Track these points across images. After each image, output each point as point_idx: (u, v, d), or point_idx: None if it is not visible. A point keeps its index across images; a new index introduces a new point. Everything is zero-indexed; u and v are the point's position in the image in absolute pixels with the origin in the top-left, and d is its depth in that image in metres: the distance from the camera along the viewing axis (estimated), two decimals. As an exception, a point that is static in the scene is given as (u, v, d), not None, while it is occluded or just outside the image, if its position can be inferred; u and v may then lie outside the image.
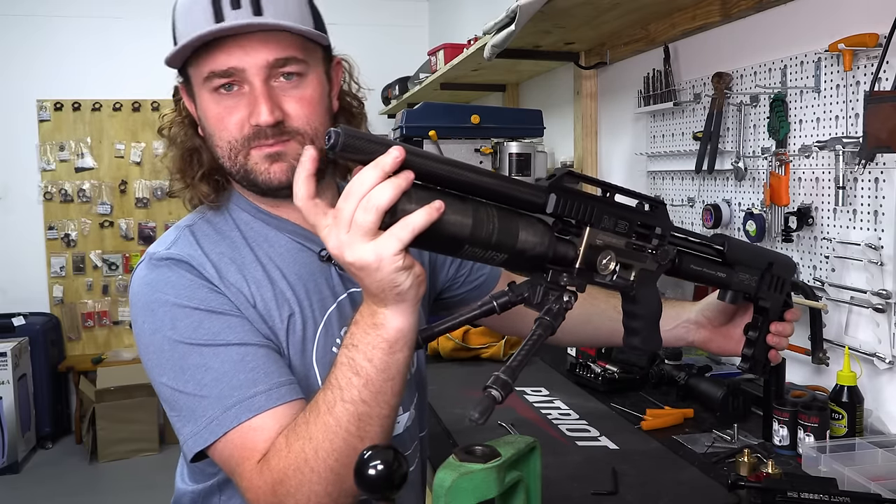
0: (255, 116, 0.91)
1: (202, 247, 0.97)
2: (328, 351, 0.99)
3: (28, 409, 4.40)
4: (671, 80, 2.06)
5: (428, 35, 5.28)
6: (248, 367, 0.89)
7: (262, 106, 0.90)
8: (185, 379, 0.89)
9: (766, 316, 1.05)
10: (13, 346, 4.22)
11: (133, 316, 0.96)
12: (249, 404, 0.86)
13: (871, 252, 1.40)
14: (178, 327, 0.90)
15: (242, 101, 0.92)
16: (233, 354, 0.89)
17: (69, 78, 4.77)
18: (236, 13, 0.89)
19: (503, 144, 2.38)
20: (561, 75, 2.95)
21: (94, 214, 4.89)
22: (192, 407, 0.88)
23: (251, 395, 0.87)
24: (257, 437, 0.86)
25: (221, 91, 0.92)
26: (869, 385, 1.44)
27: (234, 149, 0.95)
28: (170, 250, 0.95)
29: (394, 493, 0.73)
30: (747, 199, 1.79)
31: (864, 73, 1.42)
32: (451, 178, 0.73)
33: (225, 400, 0.87)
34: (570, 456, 1.38)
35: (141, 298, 0.93)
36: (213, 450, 0.88)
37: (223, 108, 0.93)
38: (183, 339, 0.89)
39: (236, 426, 0.86)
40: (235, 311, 0.92)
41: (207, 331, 0.90)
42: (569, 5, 1.91)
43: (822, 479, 1.16)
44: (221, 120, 0.94)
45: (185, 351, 0.89)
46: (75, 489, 3.96)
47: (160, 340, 0.91)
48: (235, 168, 0.96)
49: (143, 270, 0.95)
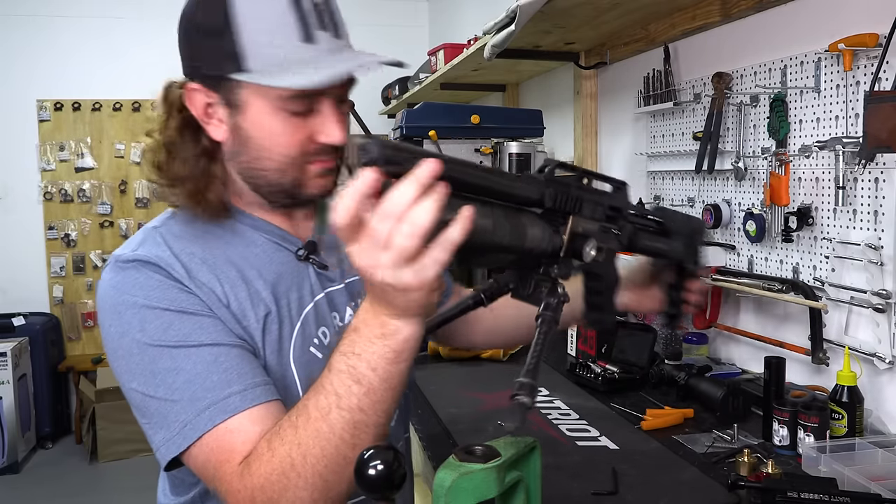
0: (330, 138, 0.93)
1: (171, 247, 0.94)
2: (305, 351, 0.98)
3: (28, 409, 4.40)
4: (671, 80, 2.06)
5: (428, 35, 5.28)
6: (221, 367, 0.86)
7: (337, 128, 0.93)
8: (156, 383, 0.86)
9: (685, 276, 1.13)
10: (13, 346, 4.22)
11: (100, 321, 0.93)
12: (224, 405, 0.84)
13: (871, 252, 1.40)
14: (147, 329, 0.87)
15: (309, 120, 0.92)
16: (205, 355, 0.87)
17: (69, 78, 4.77)
18: (325, 37, 0.90)
19: (503, 144, 2.38)
20: (561, 75, 2.95)
21: (94, 214, 4.89)
22: (163, 412, 0.86)
23: (225, 396, 0.85)
24: (235, 440, 0.83)
25: (293, 110, 0.90)
26: (869, 385, 1.44)
27: (292, 166, 0.94)
28: (136, 252, 0.92)
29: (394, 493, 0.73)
30: (747, 199, 1.79)
31: (864, 73, 1.42)
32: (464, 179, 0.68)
33: (198, 402, 0.84)
34: (570, 456, 1.38)
35: (107, 302, 0.91)
36: (187, 456, 0.86)
37: (290, 125, 0.91)
38: (152, 342, 0.87)
39: (211, 429, 0.83)
40: (207, 312, 0.90)
41: (178, 332, 0.87)
42: (569, 5, 1.91)
43: (822, 479, 1.16)
44: (286, 137, 0.92)
45: (154, 354, 0.87)
46: (75, 489, 3.96)
47: (128, 344, 0.88)
48: (281, 182, 0.95)
49: (108, 273, 0.92)
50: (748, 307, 1.85)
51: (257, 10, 0.88)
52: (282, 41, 0.87)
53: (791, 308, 1.67)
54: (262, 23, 0.87)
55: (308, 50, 0.88)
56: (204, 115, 0.94)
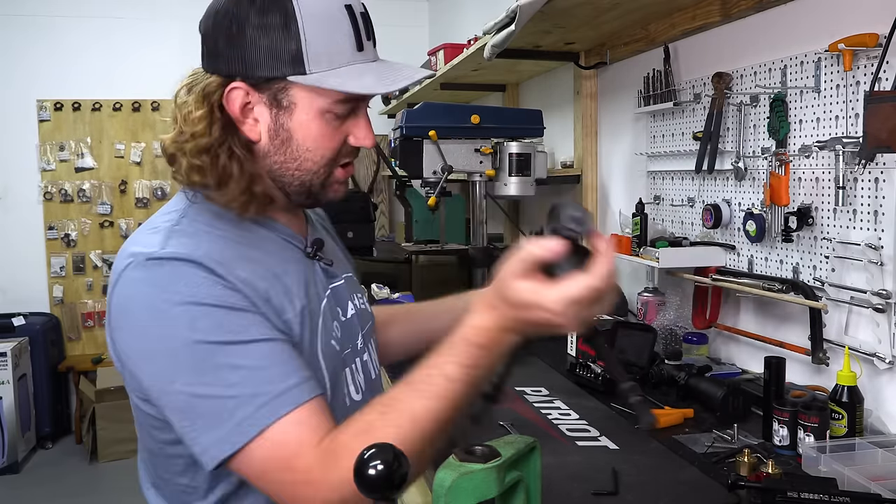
0: (363, 141, 0.99)
1: (201, 245, 0.91)
2: (328, 343, 1.00)
3: (28, 409, 4.40)
4: (671, 80, 2.06)
5: (428, 35, 5.28)
6: (278, 361, 0.86)
7: (370, 133, 0.99)
8: (207, 381, 0.84)
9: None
10: (13, 346, 4.22)
11: (128, 322, 0.89)
12: (286, 398, 0.84)
13: (871, 252, 1.40)
14: (198, 327, 0.85)
15: (344, 124, 0.97)
16: (260, 350, 0.86)
17: (69, 78, 4.77)
18: (370, 46, 0.96)
19: (503, 144, 2.37)
20: (561, 75, 2.95)
21: (94, 214, 4.90)
22: (215, 410, 0.83)
23: (286, 389, 0.84)
24: (303, 432, 0.83)
25: (339, 112, 0.95)
26: (869, 385, 1.44)
27: (327, 166, 0.98)
28: (166, 250, 0.89)
29: (394, 493, 0.73)
30: (747, 199, 1.79)
31: (864, 73, 1.42)
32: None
33: (259, 397, 0.83)
34: (570, 456, 1.38)
35: (142, 301, 0.87)
36: (242, 455, 0.83)
37: (332, 128, 0.96)
38: (204, 339, 0.85)
39: (273, 422, 0.82)
40: (253, 308, 0.89)
41: (230, 328, 0.86)
42: (569, 5, 1.91)
43: (822, 479, 1.16)
44: (328, 139, 0.97)
45: (206, 351, 0.84)
46: (75, 489, 3.96)
47: (173, 343, 0.85)
48: (314, 182, 0.99)
49: (140, 272, 0.89)
50: (748, 307, 1.85)
51: (317, 17, 0.91)
52: (341, 48, 0.92)
53: (791, 308, 1.67)
54: (323, 29, 0.91)
55: (360, 57, 0.94)
56: (240, 114, 0.95)
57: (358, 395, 1.08)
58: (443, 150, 2.28)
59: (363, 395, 1.09)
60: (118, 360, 0.93)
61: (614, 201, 2.56)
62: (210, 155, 0.95)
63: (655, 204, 2.20)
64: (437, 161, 2.28)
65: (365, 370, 1.12)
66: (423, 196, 2.43)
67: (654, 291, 2.10)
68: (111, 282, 0.93)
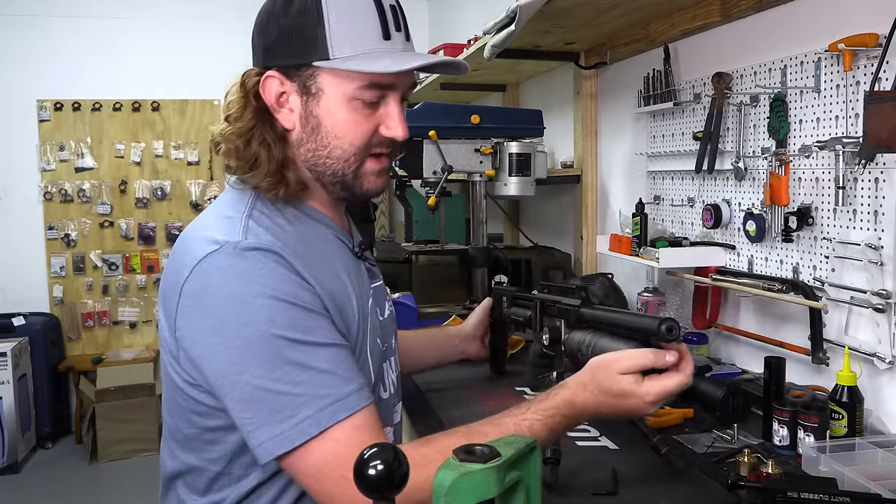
0: (394, 132, 1.01)
1: (279, 237, 0.95)
2: (374, 341, 1.05)
3: (28, 409, 4.40)
4: (671, 80, 2.06)
5: (428, 35, 5.28)
6: (342, 366, 0.90)
7: (402, 123, 1.01)
8: (276, 376, 0.87)
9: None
10: (13, 346, 4.22)
11: (201, 309, 0.91)
12: (347, 402, 0.87)
13: (871, 252, 1.40)
14: (276, 321, 0.88)
15: (376, 113, 1.00)
16: (327, 354, 0.90)
17: (69, 78, 4.77)
18: (399, 36, 0.98)
19: (503, 144, 2.37)
20: (561, 75, 2.95)
21: (94, 214, 4.90)
22: (279, 406, 0.86)
23: (347, 394, 0.88)
24: (364, 437, 0.86)
25: (366, 99, 0.97)
26: (869, 385, 1.44)
27: (357, 154, 1.00)
28: (249, 240, 0.93)
29: (394, 493, 0.73)
30: (747, 199, 1.79)
31: (864, 73, 1.42)
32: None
33: (323, 399, 0.86)
34: (570, 456, 1.38)
35: (228, 289, 0.89)
36: (299, 454, 0.86)
37: (361, 115, 0.99)
38: (280, 334, 0.87)
39: (334, 424, 0.86)
40: (323, 311, 0.93)
41: (303, 327, 0.89)
42: (569, 5, 1.91)
43: (822, 479, 1.16)
44: (357, 126, 0.98)
45: (280, 346, 0.87)
46: (75, 489, 3.96)
47: (251, 333, 0.87)
48: (345, 172, 1.01)
49: (226, 259, 0.91)
50: (748, 307, 1.85)
51: (344, 6, 0.95)
52: (365, 35, 0.95)
53: (791, 308, 1.67)
54: (348, 17, 0.95)
55: (386, 45, 0.96)
56: (276, 104, 0.99)
57: (386, 393, 1.10)
58: (443, 150, 2.28)
59: (391, 393, 1.11)
60: (176, 343, 0.93)
61: (614, 201, 2.56)
62: (243, 140, 0.99)
63: (655, 204, 2.20)
64: (437, 161, 2.28)
65: (394, 368, 1.16)
66: (423, 196, 2.43)
67: (654, 291, 2.10)
68: (183, 265, 0.93)
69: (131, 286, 4.97)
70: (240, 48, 3.58)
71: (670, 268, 1.94)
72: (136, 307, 4.98)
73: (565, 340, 1.37)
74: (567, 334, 1.37)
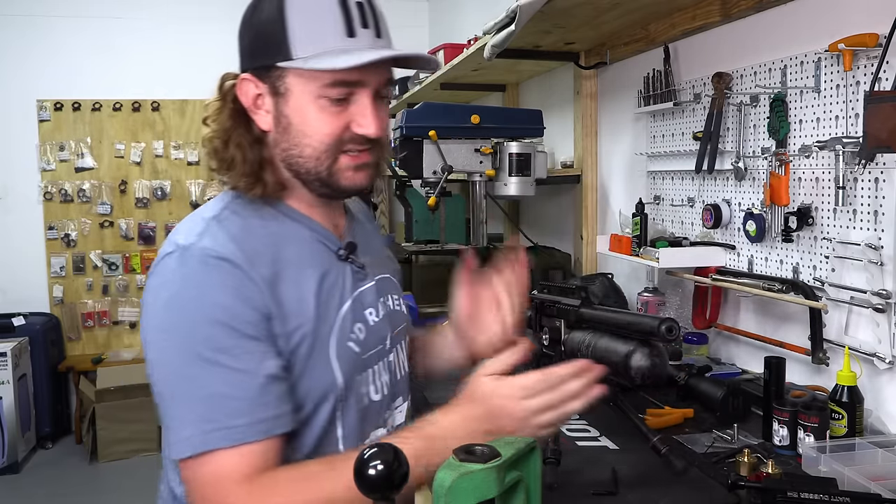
0: (365, 129, 0.99)
1: (234, 239, 0.97)
2: (344, 345, 1.03)
3: (28, 409, 4.40)
4: (671, 80, 2.06)
5: (428, 35, 5.28)
6: (241, 395, 0.91)
7: (373, 120, 0.99)
8: (184, 387, 0.91)
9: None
10: (13, 346, 4.22)
11: (149, 307, 0.95)
12: (232, 434, 0.89)
13: (871, 252, 1.40)
14: (195, 335, 0.91)
15: (346, 110, 0.99)
16: (232, 379, 0.91)
17: (69, 78, 4.77)
18: (366, 33, 0.98)
19: (503, 144, 2.37)
20: (561, 75, 2.95)
21: (94, 214, 4.89)
22: (176, 415, 0.92)
23: (235, 426, 0.89)
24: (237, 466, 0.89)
25: (332, 97, 0.98)
26: (869, 385, 1.44)
27: (327, 153, 1.00)
28: (201, 244, 0.95)
29: (394, 493, 0.73)
30: (747, 199, 1.79)
31: (864, 73, 1.42)
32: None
33: (209, 423, 0.89)
34: (570, 456, 1.38)
35: (168, 293, 0.94)
36: (185, 464, 0.91)
37: (328, 113, 0.99)
38: (197, 348, 0.91)
39: (214, 450, 0.89)
40: (253, 329, 0.93)
41: (219, 346, 0.91)
42: (569, 5, 1.91)
43: (822, 479, 1.16)
44: (324, 124, 0.99)
45: (190, 359, 0.91)
46: (75, 489, 3.96)
47: (174, 340, 0.92)
48: (319, 169, 1.01)
49: (174, 263, 0.95)
50: (748, 307, 1.85)
51: (306, 7, 0.96)
52: (326, 33, 0.96)
53: (791, 308, 1.67)
54: (310, 17, 0.96)
55: (350, 43, 0.96)
56: (253, 106, 1.02)
57: (377, 395, 1.09)
58: (443, 150, 2.28)
59: (383, 395, 1.11)
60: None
61: (614, 201, 2.56)
62: (220, 141, 1.02)
63: (655, 204, 2.20)
64: (437, 161, 2.28)
65: (390, 370, 1.14)
66: (423, 196, 2.43)
67: (654, 291, 2.10)
68: (153, 263, 0.99)
69: (131, 286, 4.97)
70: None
71: (670, 268, 1.94)
72: (136, 307, 4.98)
73: (565, 340, 1.37)
74: (567, 334, 1.37)
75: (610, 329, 1.25)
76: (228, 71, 1.05)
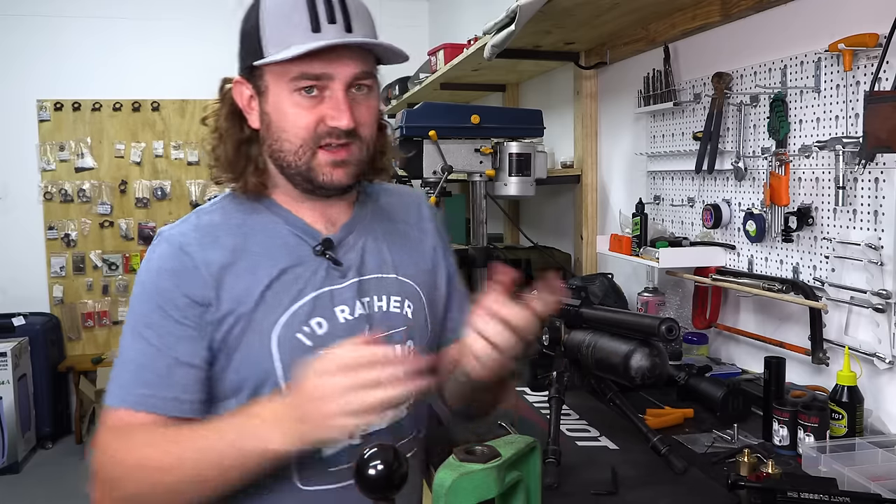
0: (336, 120, 1.02)
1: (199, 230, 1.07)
2: (291, 336, 1.05)
3: (28, 409, 4.40)
4: (671, 80, 2.06)
5: (428, 35, 5.28)
6: (150, 368, 1.01)
7: (344, 112, 1.01)
8: (123, 346, 1.05)
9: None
10: (13, 346, 4.22)
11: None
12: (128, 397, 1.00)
13: (871, 252, 1.40)
14: (135, 307, 1.05)
15: (321, 104, 1.03)
16: (148, 353, 1.01)
17: (69, 78, 4.77)
18: (333, 28, 1.00)
19: (503, 144, 2.37)
20: (561, 75, 2.95)
21: (94, 214, 4.89)
22: (113, 372, 1.04)
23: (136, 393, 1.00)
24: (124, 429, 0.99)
25: (303, 93, 1.01)
26: (869, 385, 1.44)
27: (304, 146, 1.04)
28: (172, 232, 1.07)
29: (394, 493, 0.73)
30: (747, 199, 1.79)
31: (864, 73, 1.42)
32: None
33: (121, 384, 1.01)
34: (570, 456, 1.38)
35: (140, 271, 1.08)
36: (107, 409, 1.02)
37: (302, 108, 1.02)
38: (132, 317, 1.04)
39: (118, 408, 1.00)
40: (177, 316, 1.02)
41: (147, 322, 1.03)
42: (569, 5, 1.91)
43: (822, 479, 1.16)
44: (298, 117, 1.03)
45: (131, 326, 1.04)
46: (75, 489, 3.95)
47: (129, 311, 1.06)
48: (298, 164, 1.05)
49: (152, 246, 1.08)
50: (748, 307, 1.85)
51: (275, 8, 1.02)
52: (292, 31, 0.99)
53: (791, 308, 1.67)
54: (279, 18, 1.01)
55: (313, 37, 0.99)
56: (247, 107, 1.08)
57: None
58: (443, 150, 2.28)
59: None
60: None
61: (614, 201, 2.56)
62: (217, 141, 1.10)
63: (655, 204, 2.20)
64: (437, 161, 2.28)
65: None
66: (423, 196, 2.43)
67: (654, 291, 2.10)
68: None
69: (131, 286, 4.96)
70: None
71: (670, 268, 1.94)
72: (136, 307, 4.98)
73: (565, 340, 1.37)
74: (567, 334, 1.37)
75: (610, 329, 1.25)
76: (227, 75, 1.10)
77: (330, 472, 1.05)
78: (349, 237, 1.13)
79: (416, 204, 1.29)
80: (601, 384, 1.38)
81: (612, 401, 1.33)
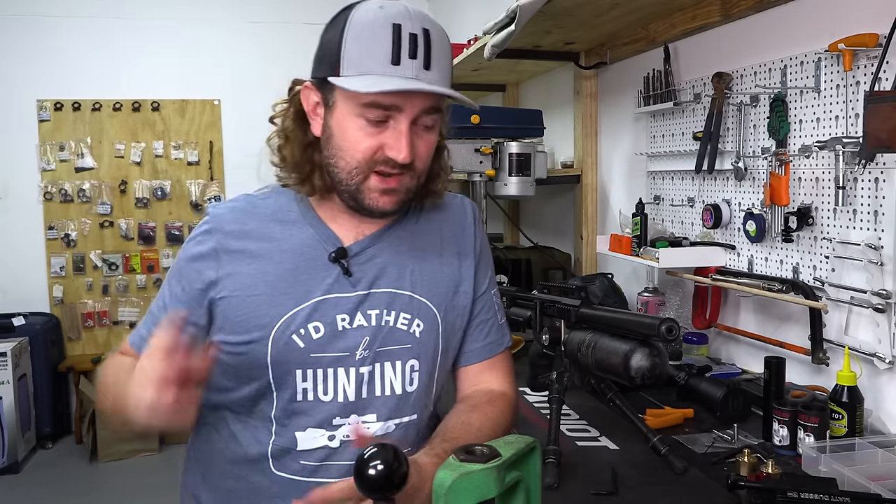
0: (395, 152, 1.04)
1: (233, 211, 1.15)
2: (286, 336, 1.09)
3: (28, 409, 4.40)
4: (671, 80, 2.06)
5: (428, 35, 5.27)
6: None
7: (405, 146, 1.04)
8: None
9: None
10: (13, 346, 4.22)
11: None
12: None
13: (871, 252, 1.40)
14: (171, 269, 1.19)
15: (383, 133, 1.05)
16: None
17: (69, 78, 4.77)
18: (411, 64, 1.02)
19: (503, 144, 2.37)
20: (561, 75, 2.95)
21: (94, 214, 4.89)
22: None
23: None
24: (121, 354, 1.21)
25: (370, 118, 1.04)
26: (869, 385, 1.44)
27: (358, 168, 1.07)
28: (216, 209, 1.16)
29: (394, 493, 0.73)
30: (747, 199, 1.79)
31: (864, 73, 1.42)
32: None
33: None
34: (570, 456, 1.38)
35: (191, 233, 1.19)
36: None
37: (365, 132, 1.05)
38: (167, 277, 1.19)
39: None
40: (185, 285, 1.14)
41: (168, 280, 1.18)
42: (569, 5, 1.92)
43: (822, 479, 1.16)
44: (359, 142, 1.05)
45: (164, 281, 1.19)
46: (75, 489, 3.96)
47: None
48: (349, 183, 1.08)
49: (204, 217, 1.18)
50: (748, 307, 1.85)
51: (362, 30, 1.02)
52: (372, 58, 1.01)
53: (791, 308, 1.67)
54: (362, 42, 1.02)
55: (391, 70, 1.01)
56: (312, 112, 1.11)
57: (327, 397, 1.11)
58: (443, 150, 2.28)
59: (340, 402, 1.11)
60: None
61: (614, 201, 2.56)
62: (281, 140, 1.15)
63: (655, 204, 2.20)
64: (437, 161, 2.28)
65: (359, 382, 1.12)
66: (423, 196, 2.43)
67: (654, 291, 2.10)
68: None
69: (131, 286, 4.97)
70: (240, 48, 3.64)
71: (670, 268, 1.94)
72: (136, 307, 4.98)
73: (565, 340, 1.37)
74: (567, 334, 1.37)
75: (610, 329, 1.25)
76: (297, 77, 1.14)
77: (302, 464, 1.11)
78: (369, 249, 1.15)
79: (462, 216, 1.29)
80: (601, 384, 1.37)
81: (612, 401, 1.33)
